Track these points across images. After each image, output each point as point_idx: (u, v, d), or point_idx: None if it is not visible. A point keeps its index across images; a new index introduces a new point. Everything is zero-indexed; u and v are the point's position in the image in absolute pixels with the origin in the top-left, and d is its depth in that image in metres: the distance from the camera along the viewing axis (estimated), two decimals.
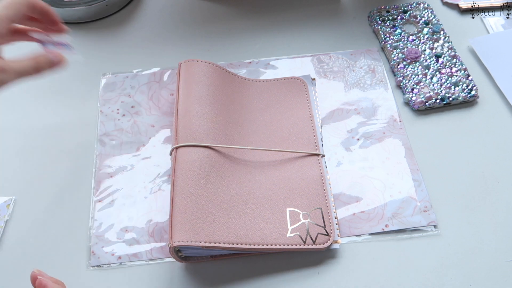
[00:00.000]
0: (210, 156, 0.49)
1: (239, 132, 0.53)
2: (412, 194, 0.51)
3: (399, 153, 0.54)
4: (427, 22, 0.65)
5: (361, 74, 0.61)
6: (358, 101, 0.58)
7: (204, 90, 0.54)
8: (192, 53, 0.64)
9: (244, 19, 0.68)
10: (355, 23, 0.67)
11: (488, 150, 0.55)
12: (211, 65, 0.56)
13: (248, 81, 0.59)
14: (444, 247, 0.48)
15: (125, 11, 0.69)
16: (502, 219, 0.50)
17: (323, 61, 0.62)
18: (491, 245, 0.48)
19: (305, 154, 0.52)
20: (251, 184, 0.50)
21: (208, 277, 0.46)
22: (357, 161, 0.53)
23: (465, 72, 0.60)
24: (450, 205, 0.51)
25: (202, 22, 0.67)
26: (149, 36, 0.66)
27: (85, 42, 0.65)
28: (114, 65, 0.63)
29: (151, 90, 0.60)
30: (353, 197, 0.51)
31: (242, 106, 0.56)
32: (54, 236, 0.49)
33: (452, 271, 0.47)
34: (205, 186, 0.47)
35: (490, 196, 0.51)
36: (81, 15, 0.66)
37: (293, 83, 0.59)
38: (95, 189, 0.52)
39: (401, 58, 0.61)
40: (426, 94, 0.58)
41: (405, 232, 0.49)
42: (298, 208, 0.48)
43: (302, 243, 0.46)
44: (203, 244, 0.43)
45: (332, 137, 0.55)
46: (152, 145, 0.55)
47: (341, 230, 0.49)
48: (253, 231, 0.46)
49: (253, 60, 0.62)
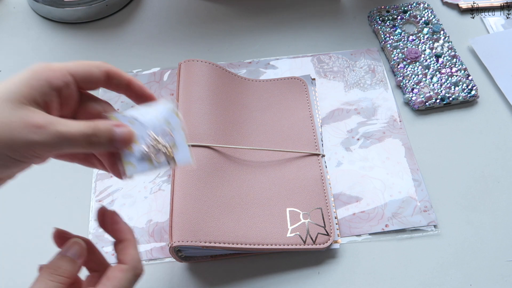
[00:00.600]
0: (210, 156, 0.49)
1: (239, 132, 0.53)
2: (412, 194, 0.51)
3: (399, 153, 0.54)
4: (427, 22, 0.65)
5: (361, 74, 0.61)
6: (358, 101, 0.58)
7: (204, 90, 0.54)
8: (192, 53, 0.64)
9: (244, 19, 0.68)
10: (355, 23, 0.67)
11: (488, 150, 0.55)
12: (211, 65, 0.56)
13: (248, 81, 0.59)
14: (444, 247, 0.48)
15: (125, 11, 0.69)
16: (502, 219, 0.50)
17: (323, 61, 0.62)
18: (491, 245, 0.48)
19: (305, 154, 0.52)
20: (251, 184, 0.50)
21: (208, 277, 0.46)
22: (357, 161, 0.53)
23: (465, 72, 0.60)
24: (450, 205, 0.51)
25: (202, 22, 0.67)
26: (149, 36, 0.66)
27: (85, 42, 0.65)
28: (114, 65, 0.60)
29: (151, 90, 0.59)
30: (353, 197, 0.51)
31: (242, 106, 0.56)
32: None
33: (452, 271, 0.47)
34: (205, 186, 0.47)
35: (490, 196, 0.51)
36: (81, 15, 0.66)
37: (293, 83, 0.59)
38: (95, 189, 0.52)
39: (401, 58, 0.61)
40: (426, 94, 0.58)
41: (405, 232, 0.49)
42: (298, 208, 0.48)
43: (302, 243, 0.46)
44: (203, 244, 0.43)
45: (332, 137, 0.55)
46: None
47: (341, 230, 0.49)
48: (253, 231, 0.46)
49: (253, 60, 0.62)
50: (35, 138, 0.29)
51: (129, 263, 0.34)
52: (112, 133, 0.32)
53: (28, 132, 0.29)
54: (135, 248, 0.35)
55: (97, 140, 0.31)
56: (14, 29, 0.67)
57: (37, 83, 0.30)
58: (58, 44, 0.65)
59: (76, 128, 0.30)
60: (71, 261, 0.33)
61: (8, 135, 0.29)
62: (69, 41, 0.65)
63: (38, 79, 0.31)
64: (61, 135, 0.30)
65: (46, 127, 0.29)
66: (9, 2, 0.70)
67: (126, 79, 0.35)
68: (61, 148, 0.30)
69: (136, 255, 0.34)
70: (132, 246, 0.35)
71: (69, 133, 0.30)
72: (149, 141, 0.35)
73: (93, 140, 0.31)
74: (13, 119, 0.29)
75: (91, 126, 0.31)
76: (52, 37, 0.66)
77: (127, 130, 0.33)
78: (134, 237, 0.35)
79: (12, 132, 0.29)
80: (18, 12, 0.68)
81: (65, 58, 0.63)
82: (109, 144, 0.32)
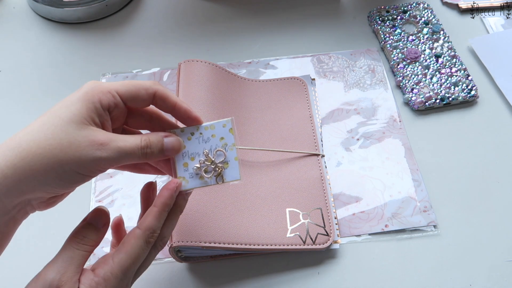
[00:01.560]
0: None
1: (239, 132, 0.53)
2: (412, 194, 0.51)
3: (399, 153, 0.54)
4: (427, 22, 0.65)
5: (361, 74, 0.61)
6: (358, 101, 0.58)
7: (204, 90, 0.54)
8: (192, 53, 0.64)
9: (244, 19, 0.68)
10: (355, 23, 0.67)
11: (488, 150, 0.55)
12: (211, 65, 0.56)
13: (248, 81, 0.59)
14: (444, 247, 0.48)
15: (125, 11, 0.69)
16: (502, 219, 0.50)
17: (323, 61, 0.62)
18: (491, 245, 0.48)
19: (305, 154, 0.52)
20: (251, 184, 0.49)
21: (208, 277, 0.46)
22: (357, 161, 0.53)
23: (465, 72, 0.60)
24: (450, 205, 0.51)
25: (202, 22, 0.67)
26: (149, 36, 0.66)
27: (85, 42, 0.65)
28: (114, 65, 0.63)
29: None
30: (353, 197, 0.51)
31: (242, 106, 0.56)
32: (54, 236, 0.49)
33: (452, 271, 0.47)
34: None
35: (490, 196, 0.51)
36: (81, 15, 0.66)
37: (293, 83, 0.59)
38: (95, 189, 0.52)
39: (401, 58, 0.61)
40: (426, 94, 0.58)
41: (405, 232, 0.49)
42: (298, 208, 0.48)
43: (302, 243, 0.46)
44: (203, 244, 0.43)
45: (332, 137, 0.55)
46: None
47: (341, 230, 0.49)
48: (253, 231, 0.46)
49: (253, 60, 0.62)
50: (100, 154, 0.32)
51: (143, 229, 0.35)
52: (162, 143, 0.36)
53: (94, 150, 0.32)
54: (156, 217, 0.36)
55: (150, 151, 0.35)
56: (14, 29, 0.67)
57: (93, 105, 0.33)
58: (58, 44, 0.65)
59: (133, 142, 0.34)
60: (95, 229, 0.36)
61: (76, 154, 0.32)
62: (69, 41, 0.65)
63: (92, 101, 0.33)
64: (121, 150, 0.33)
65: (108, 144, 0.33)
66: (9, 2, 0.70)
67: (172, 102, 0.37)
68: (122, 161, 0.34)
69: (152, 223, 0.35)
70: (154, 214, 0.36)
71: (128, 147, 0.34)
72: (202, 158, 0.37)
73: (147, 151, 0.35)
74: (79, 139, 0.32)
75: (145, 139, 0.35)
76: (52, 37, 0.66)
77: (175, 139, 0.37)
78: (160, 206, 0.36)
79: (80, 151, 0.32)
80: (18, 12, 0.68)
81: (65, 58, 0.63)
82: (160, 153, 0.36)
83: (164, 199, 0.36)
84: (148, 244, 0.35)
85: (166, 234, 0.37)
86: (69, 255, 0.34)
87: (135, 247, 0.35)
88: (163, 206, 0.36)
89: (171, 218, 0.37)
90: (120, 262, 0.34)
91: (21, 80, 0.61)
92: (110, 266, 0.34)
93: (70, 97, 0.34)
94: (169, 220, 0.37)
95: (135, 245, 0.35)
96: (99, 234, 0.36)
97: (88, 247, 0.35)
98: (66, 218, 0.50)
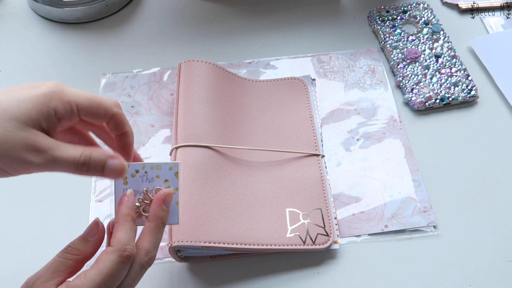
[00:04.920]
0: (210, 156, 0.49)
1: (239, 132, 0.53)
2: (412, 195, 0.51)
3: (399, 153, 0.54)
4: (427, 22, 0.65)
5: (361, 74, 0.61)
6: (358, 101, 0.58)
7: (204, 90, 0.54)
8: (192, 53, 0.64)
9: (244, 19, 0.68)
10: (355, 23, 0.67)
11: (488, 150, 0.55)
12: (211, 65, 0.56)
13: (248, 81, 0.59)
14: (444, 247, 0.48)
15: (125, 11, 0.69)
16: (502, 219, 0.50)
17: (323, 61, 0.62)
18: (491, 245, 0.48)
19: (305, 154, 0.52)
20: (251, 184, 0.50)
21: (208, 277, 0.46)
22: (357, 161, 0.53)
23: (464, 72, 0.60)
24: (450, 206, 0.51)
25: (202, 22, 0.67)
26: (149, 36, 0.66)
27: (85, 42, 0.65)
28: (114, 65, 0.63)
29: (151, 90, 0.60)
30: (353, 197, 0.51)
31: (242, 106, 0.56)
32: (54, 236, 0.49)
33: (452, 271, 0.47)
34: (204, 186, 0.47)
35: (490, 196, 0.51)
36: (81, 15, 0.66)
37: (293, 83, 0.59)
38: (95, 188, 0.52)
39: (401, 58, 0.61)
40: (426, 94, 0.58)
41: (405, 232, 0.49)
42: (298, 208, 0.48)
43: (302, 244, 0.46)
44: (202, 244, 0.43)
45: (332, 137, 0.55)
46: (152, 145, 0.55)
47: (341, 231, 0.49)
48: (252, 231, 0.46)
49: (253, 60, 0.62)
50: (33, 159, 0.31)
51: (114, 245, 0.35)
52: (105, 163, 0.34)
53: (27, 153, 0.31)
54: (124, 231, 0.36)
55: (87, 169, 0.34)
56: (14, 29, 0.67)
57: (46, 110, 0.32)
58: (58, 44, 0.65)
59: (71, 155, 0.33)
60: (83, 240, 0.36)
61: (8, 152, 0.31)
62: (69, 41, 0.65)
63: (47, 106, 0.32)
64: (56, 161, 0.32)
65: (45, 151, 0.32)
66: (9, 2, 0.70)
67: (123, 130, 0.37)
68: (52, 170, 0.33)
69: (122, 237, 0.35)
70: (120, 229, 0.36)
71: (64, 160, 0.33)
72: (141, 197, 0.38)
73: (82, 168, 0.33)
74: (16, 139, 0.31)
75: (85, 155, 0.33)
76: (52, 37, 0.66)
77: (119, 162, 0.35)
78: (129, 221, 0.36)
79: (12, 151, 0.31)
80: (18, 12, 0.68)
81: (65, 58, 0.63)
82: (98, 172, 0.34)
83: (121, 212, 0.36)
84: (123, 259, 0.35)
85: (150, 248, 0.37)
86: (50, 262, 0.35)
87: (107, 262, 0.34)
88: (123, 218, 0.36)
89: (152, 232, 0.37)
90: (91, 277, 0.34)
91: (21, 80, 0.61)
92: (81, 281, 0.33)
93: (29, 89, 0.33)
94: (151, 234, 0.37)
95: (107, 260, 0.34)
96: (87, 244, 0.36)
97: (70, 256, 0.35)
98: (66, 218, 0.50)
